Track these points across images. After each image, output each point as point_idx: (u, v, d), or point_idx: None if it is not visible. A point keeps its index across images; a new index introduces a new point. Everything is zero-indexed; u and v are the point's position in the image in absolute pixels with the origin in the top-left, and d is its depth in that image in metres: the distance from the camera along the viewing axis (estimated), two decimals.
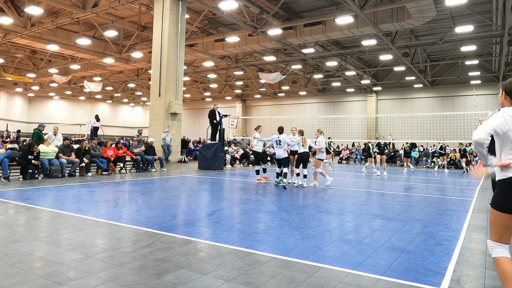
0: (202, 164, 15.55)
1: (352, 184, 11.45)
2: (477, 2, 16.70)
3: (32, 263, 3.39)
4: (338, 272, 3.34)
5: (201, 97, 45.20)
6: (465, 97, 29.91)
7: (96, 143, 12.78)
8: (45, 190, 8.23)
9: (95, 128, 18.99)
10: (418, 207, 7.06)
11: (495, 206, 2.64)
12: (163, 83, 14.42)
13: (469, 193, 9.68)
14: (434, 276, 3.29)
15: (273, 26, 18.11)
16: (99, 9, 16.29)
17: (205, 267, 3.38)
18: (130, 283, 2.96)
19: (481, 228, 5.35)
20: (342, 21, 16.57)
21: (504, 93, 2.74)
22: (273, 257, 3.71)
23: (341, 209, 6.63)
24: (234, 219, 5.62)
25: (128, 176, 12.06)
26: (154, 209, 6.16)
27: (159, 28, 14.70)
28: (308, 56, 23.93)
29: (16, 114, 41.78)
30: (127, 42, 23.00)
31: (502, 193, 2.60)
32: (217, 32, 21.80)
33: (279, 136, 9.93)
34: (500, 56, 22.21)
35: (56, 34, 21.28)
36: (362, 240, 4.45)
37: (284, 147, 9.77)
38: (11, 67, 30.53)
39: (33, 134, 13.04)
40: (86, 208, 6.11)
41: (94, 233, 4.54)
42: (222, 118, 15.80)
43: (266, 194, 8.38)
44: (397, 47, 20.88)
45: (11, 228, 4.68)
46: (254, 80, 34.66)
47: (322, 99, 38.18)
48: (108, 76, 35.15)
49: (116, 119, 50.80)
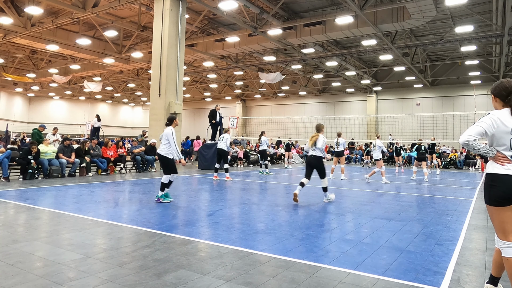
0: (202, 164, 15.55)
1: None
2: (477, 2, 16.69)
3: (32, 263, 3.39)
4: (338, 272, 3.34)
5: (201, 97, 45.17)
6: (465, 97, 29.90)
7: (96, 143, 12.78)
8: (45, 190, 8.23)
9: (96, 128, 18.99)
10: (418, 207, 7.07)
11: (486, 201, 2.77)
12: (163, 83, 14.42)
13: (469, 193, 9.68)
14: (434, 276, 3.29)
15: (273, 26, 18.10)
16: (99, 9, 16.28)
17: (205, 267, 3.38)
18: (130, 283, 2.96)
19: (481, 228, 5.35)
20: (342, 21, 16.56)
21: (493, 97, 2.85)
22: (273, 257, 3.71)
23: (342, 209, 6.63)
24: (234, 219, 5.62)
25: (128, 176, 12.06)
26: (154, 209, 6.16)
27: (159, 28, 14.69)
28: (308, 56, 23.92)
29: (16, 114, 41.74)
30: (127, 42, 22.99)
31: (488, 187, 2.73)
32: (217, 32, 21.79)
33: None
34: (500, 56, 22.19)
35: (56, 34, 21.26)
36: (362, 240, 4.45)
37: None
38: (11, 67, 30.50)
39: (33, 134, 13.06)
40: (86, 208, 6.11)
41: (94, 233, 4.54)
42: (222, 119, 15.81)
43: (266, 194, 8.37)
44: (397, 47, 20.87)
45: (11, 228, 4.68)
46: (254, 80, 34.64)
47: (322, 99, 38.16)
48: (108, 76, 35.12)
49: (116, 119, 50.76)
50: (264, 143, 14.85)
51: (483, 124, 2.69)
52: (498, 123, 2.66)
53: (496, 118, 2.68)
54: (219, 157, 11.71)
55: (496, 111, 2.75)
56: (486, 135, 2.71)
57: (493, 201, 2.68)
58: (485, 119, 2.71)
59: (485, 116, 2.74)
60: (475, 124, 2.73)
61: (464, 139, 2.67)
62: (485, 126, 2.68)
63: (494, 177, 2.68)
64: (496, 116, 2.69)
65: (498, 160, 2.66)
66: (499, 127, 2.66)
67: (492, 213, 2.73)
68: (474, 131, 2.67)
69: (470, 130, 2.69)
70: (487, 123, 2.68)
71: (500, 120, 2.66)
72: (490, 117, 2.70)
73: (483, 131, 2.68)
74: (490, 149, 2.69)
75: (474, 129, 2.68)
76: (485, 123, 2.69)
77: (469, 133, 2.67)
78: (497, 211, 2.68)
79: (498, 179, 2.65)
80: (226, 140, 11.61)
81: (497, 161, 2.67)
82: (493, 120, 2.68)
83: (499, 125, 2.66)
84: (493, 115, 2.71)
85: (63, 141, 12.09)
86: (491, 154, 2.68)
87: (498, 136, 2.68)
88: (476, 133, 2.67)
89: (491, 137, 2.71)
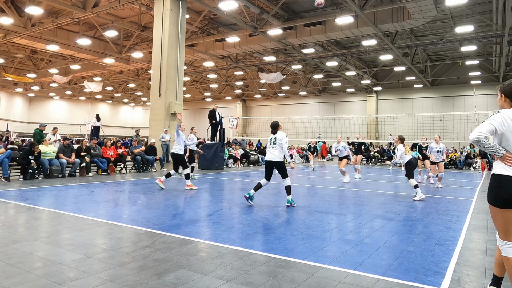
0: (202, 164, 15.56)
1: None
2: (477, 2, 16.68)
3: (33, 263, 3.39)
4: (338, 272, 3.34)
5: (201, 97, 45.18)
6: (465, 97, 29.90)
7: (96, 143, 12.78)
8: (45, 190, 8.23)
9: (96, 128, 18.98)
10: (418, 207, 7.06)
11: (489, 201, 2.74)
12: (163, 83, 14.42)
13: (469, 193, 9.68)
14: (434, 276, 3.29)
15: (273, 26, 18.11)
16: (99, 9, 16.28)
17: (205, 267, 3.38)
18: (130, 283, 2.96)
19: (481, 228, 5.35)
20: (342, 21, 16.56)
21: (503, 96, 2.80)
22: (273, 257, 3.71)
23: (341, 209, 6.63)
24: (234, 219, 5.62)
25: (128, 176, 12.06)
26: (154, 209, 6.16)
27: (159, 28, 14.69)
28: (308, 56, 23.92)
29: (16, 114, 41.75)
30: (127, 42, 22.99)
31: (494, 188, 2.69)
32: (217, 32, 21.79)
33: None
34: (500, 56, 22.19)
35: (56, 34, 21.27)
36: (362, 240, 4.44)
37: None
38: (11, 67, 30.51)
39: (34, 134, 13.06)
40: (86, 208, 6.11)
41: (94, 233, 4.54)
42: (222, 119, 15.81)
43: (266, 195, 8.37)
44: (397, 47, 20.87)
45: (12, 228, 4.68)
46: (254, 80, 34.63)
47: (322, 99, 38.15)
48: (108, 76, 35.12)
49: (116, 119, 50.76)
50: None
51: (493, 122, 2.64)
52: (509, 122, 2.62)
53: (507, 116, 2.64)
54: (176, 163, 9.16)
55: (506, 110, 2.70)
56: (495, 133, 2.66)
57: (498, 202, 2.65)
58: (495, 117, 2.66)
59: (496, 114, 2.69)
60: (485, 122, 2.68)
61: (474, 136, 2.62)
62: (496, 124, 2.63)
63: (501, 179, 2.64)
64: (506, 114, 2.65)
65: (506, 160, 2.62)
66: (509, 126, 2.62)
67: (495, 214, 2.71)
68: (484, 128, 2.62)
69: (481, 127, 2.64)
70: (498, 121, 2.64)
71: (511, 118, 2.62)
72: (500, 115, 2.66)
73: (493, 129, 2.63)
74: (499, 148, 2.64)
75: (484, 126, 2.63)
76: (496, 121, 2.64)
77: (479, 130, 2.62)
78: (501, 213, 2.66)
79: (505, 180, 2.61)
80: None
81: (504, 161, 2.63)
82: (504, 118, 2.63)
83: (510, 124, 2.62)
84: (503, 114, 2.66)
85: (62, 141, 12.09)
86: (499, 154, 2.64)
87: (507, 136, 2.63)
88: (486, 130, 2.62)
89: (500, 136, 2.66)
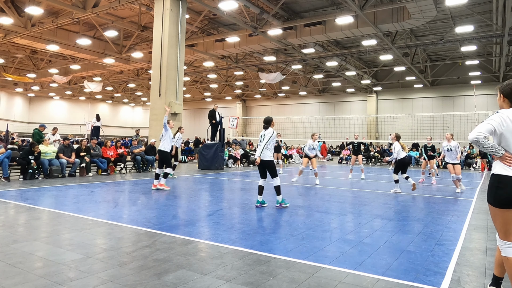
0: (202, 164, 15.55)
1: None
2: (477, 2, 16.68)
3: (33, 263, 3.39)
4: (338, 272, 3.34)
5: (201, 97, 45.17)
6: (465, 97, 29.90)
7: (96, 143, 12.78)
8: (45, 190, 8.23)
9: (96, 128, 18.98)
10: (418, 207, 7.06)
11: (489, 201, 2.74)
12: (163, 83, 14.41)
13: (469, 193, 9.68)
14: (434, 276, 3.29)
15: (273, 26, 18.10)
16: (99, 9, 16.28)
17: (206, 267, 3.38)
18: (131, 283, 2.96)
19: (481, 228, 5.35)
20: (342, 21, 16.56)
21: (502, 96, 2.80)
22: (273, 257, 3.71)
23: (341, 209, 6.63)
24: (234, 219, 5.62)
25: (128, 176, 12.06)
26: (154, 209, 6.16)
27: (159, 28, 14.68)
28: (308, 56, 23.91)
29: (16, 114, 41.74)
30: (127, 42, 22.99)
31: (493, 188, 2.69)
32: (217, 32, 21.79)
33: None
34: (500, 56, 22.19)
35: (56, 34, 21.26)
36: (362, 240, 4.44)
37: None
38: (11, 67, 30.50)
39: (33, 134, 13.06)
40: (86, 208, 6.11)
41: (94, 233, 4.54)
42: (222, 119, 15.81)
43: (266, 195, 8.36)
44: (397, 47, 20.86)
45: (12, 228, 4.68)
46: (254, 80, 34.63)
47: (322, 99, 38.15)
48: (108, 76, 35.11)
49: (116, 119, 50.75)
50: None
51: (492, 122, 2.64)
52: (508, 122, 2.62)
53: (506, 117, 2.64)
54: (161, 161, 8.92)
55: (505, 110, 2.70)
56: (495, 133, 2.66)
57: (497, 202, 2.65)
58: (494, 117, 2.66)
59: (495, 114, 2.69)
60: (484, 122, 2.68)
61: (473, 136, 2.62)
62: (495, 124, 2.63)
63: (501, 179, 2.63)
64: (505, 114, 2.65)
65: (506, 160, 2.61)
66: (508, 126, 2.62)
67: (495, 214, 2.71)
68: (483, 128, 2.62)
69: (480, 127, 2.64)
70: (497, 121, 2.64)
71: (510, 119, 2.62)
72: (499, 115, 2.66)
73: (493, 129, 2.63)
74: (498, 148, 2.64)
75: (483, 126, 2.63)
76: (495, 121, 2.64)
77: (478, 130, 2.62)
78: (500, 213, 2.65)
79: (505, 181, 2.61)
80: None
81: (504, 161, 2.62)
82: (503, 118, 2.63)
83: (509, 124, 2.62)
84: (502, 114, 2.66)
85: (62, 141, 12.09)
86: (499, 154, 2.63)
87: (506, 136, 2.63)
88: (485, 130, 2.62)
89: (500, 136, 2.66)
